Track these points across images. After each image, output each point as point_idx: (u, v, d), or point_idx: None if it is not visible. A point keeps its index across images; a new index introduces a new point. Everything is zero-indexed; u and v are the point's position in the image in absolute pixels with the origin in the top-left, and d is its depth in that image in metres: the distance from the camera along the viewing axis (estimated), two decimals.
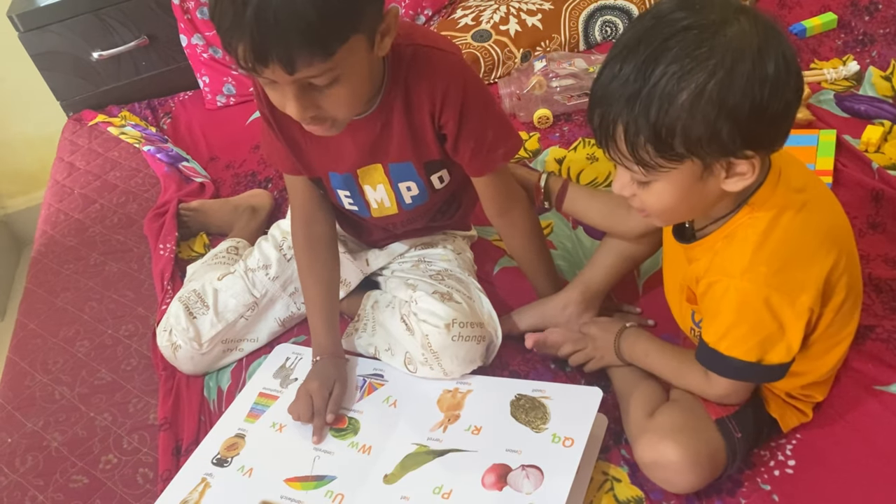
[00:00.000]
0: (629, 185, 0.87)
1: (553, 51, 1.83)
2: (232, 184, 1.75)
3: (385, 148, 1.08)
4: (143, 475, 1.16)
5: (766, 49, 0.78)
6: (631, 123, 0.79)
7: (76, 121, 2.09)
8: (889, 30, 1.67)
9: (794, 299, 0.86)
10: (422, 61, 1.01)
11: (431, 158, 1.10)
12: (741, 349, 0.89)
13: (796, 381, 0.97)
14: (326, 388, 1.14)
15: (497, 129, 1.07)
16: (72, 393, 1.33)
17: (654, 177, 0.83)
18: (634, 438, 0.99)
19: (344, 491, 1.04)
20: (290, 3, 0.81)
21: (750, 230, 0.87)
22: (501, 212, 1.17)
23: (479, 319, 1.15)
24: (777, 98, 0.78)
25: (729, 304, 0.88)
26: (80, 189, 1.85)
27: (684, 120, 0.78)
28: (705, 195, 0.86)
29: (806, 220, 0.88)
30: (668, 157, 0.80)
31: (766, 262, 0.86)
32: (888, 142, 1.41)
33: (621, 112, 0.80)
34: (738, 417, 0.96)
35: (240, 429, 1.16)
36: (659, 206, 0.88)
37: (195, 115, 2.03)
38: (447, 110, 1.02)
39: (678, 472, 0.92)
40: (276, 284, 1.29)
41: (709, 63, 0.76)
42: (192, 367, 1.27)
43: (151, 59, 2.07)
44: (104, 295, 1.52)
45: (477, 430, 1.07)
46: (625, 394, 1.06)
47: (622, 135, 0.81)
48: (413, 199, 1.15)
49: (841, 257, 0.90)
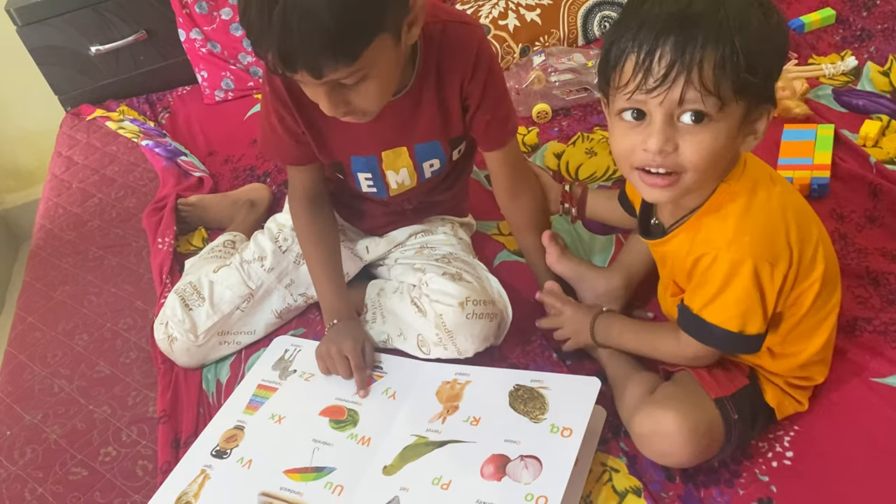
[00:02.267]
0: (672, 139, 0.82)
1: (552, 46, 1.83)
2: (230, 178, 1.75)
3: (413, 128, 1.11)
4: (142, 467, 1.16)
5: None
6: (725, 48, 0.76)
7: (74, 115, 2.09)
8: (887, 25, 1.67)
9: (773, 267, 0.88)
10: (453, 37, 1.05)
11: (456, 135, 1.14)
12: (724, 317, 0.90)
13: (793, 361, 0.98)
14: (359, 345, 1.16)
15: (508, 103, 1.13)
16: (71, 386, 1.33)
17: (716, 118, 0.80)
18: (631, 415, 0.98)
19: (343, 482, 1.04)
20: (312, 14, 0.83)
21: (731, 204, 0.88)
22: (513, 194, 1.19)
23: (491, 297, 1.15)
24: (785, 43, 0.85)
25: (716, 274, 0.89)
26: (78, 183, 1.84)
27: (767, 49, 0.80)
28: (729, 154, 0.86)
29: (777, 191, 0.90)
30: (744, 90, 0.79)
31: (750, 231, 0.87)
32: (886, 136, 1.42)
33: (710, 37, 0.76)
34: (736, 400, 0.96)
35: (239, 420, 1.16)
36: (703, 159, 0.82)
37: (193, 109, 2.03)
38: (475, 80, 1.07)
39: (676, 442, 0.92)
40: (272, 276, 1.30)
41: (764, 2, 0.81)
42: (188, 359, 1.27)
43: (150, 54, 2.07)
44: (103, 289, 1.52)
45: (476, 420, 1.07)
46: (620, 380, 1.06)
47: (711, 62, 0.77)
48: (433, 173, 1.19)
49: (812, 226, 0.93)
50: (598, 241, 1.35)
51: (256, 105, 1.94)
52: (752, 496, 0.94)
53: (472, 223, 1.39)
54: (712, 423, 0.94)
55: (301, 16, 0.83)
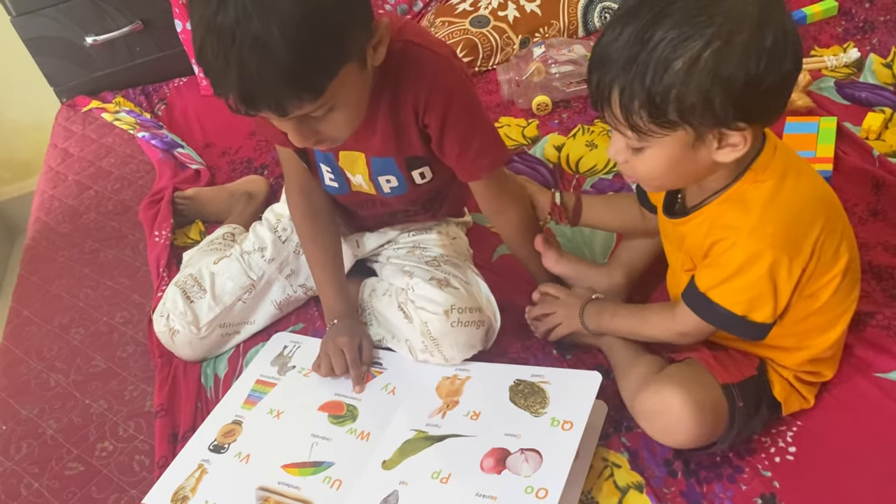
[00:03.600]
0: (623, 150, 0.88)
1: (552, 37, 1.82)
2: (227, 170, 1.74)
3: (368, 141, 1.07)
4: (139, 462, 1.16)
5: (765, 21, 0.77)
6: (626, 88, 0.80)
7: (70, 107, 2.07)
8: (890, 17, 1.66)
9: (792, 261, 0.87)
10: (410, 59, 1.00)
11: (414, 154, 1.09)
12: (731, 300, 0.90)
13: (804, 355, 0.97)
14: (355, 341, 1.15)
15: (483, 137, 1.06)
16: (67, 380, 1.32)
17: (647, 143, 0.84)
18: (635, 394, 0.98)
19: (342, 477, 1.04)
20: (270, 52, 0.79)
21: (756, 192, 0.87)
22: (496, 212, 1.17)
23: (478, 304, 1.14)
24: (773, 71, 0.78)
25: (732, 259, 0.88)
26: (74, 175, 1.83)
27: (678, 87, 0.78)
28: (696, 164, 0.86)
29: (806, 184, 0.89)
30: (661, 123, 0.81)
31: (773, 222, 0.86)
32: (889, 129, 1.41)
33: (618, 76, 0.80)
34: (742, 388, 0.95)
35: (237, 415, 1.16)
36: (649, 172, 0.88)
37: (190, 101, 2.02)
38: (430, 113, 1.01)
39: (680, 419, 0.91)
40: (272, 266, 1.29)
41: (707, 31, 0.76)
42: (191, 353, 1.26)
43: (146, 45, 2.06)
44: (99, 282, 1.51)
45: (476, 415, 1.06)
46: (624, 365, 1.05)
47: (617, 99, 0.81)
48: (392, 190, 1.14)
49: (837, 221, 0.91)
50: (598, 236, 1.34)
51: None
52: (755, 492, 0.93)
53: (468, 220, 1.38)
54: (717, 403, 0.93)
55: (259, 56, 0.79)
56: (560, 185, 1.46)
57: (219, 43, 0.80)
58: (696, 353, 0.99)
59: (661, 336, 1.02)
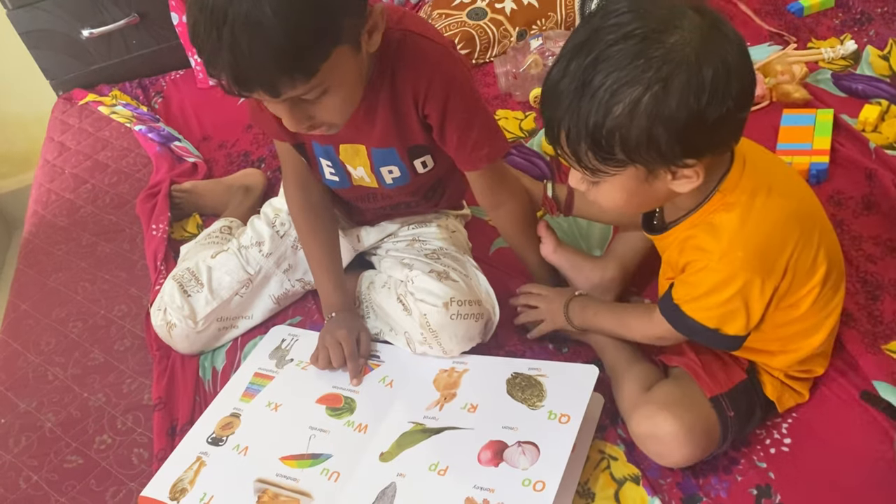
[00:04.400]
0: (581, 181, 0.88)
1: (549, 29, 1.81)
2: (225, 164, 1.73)
3: (368, 132, 1.07)
4: (137, 455, 1.16)
5: (705, 56, 0.76)
6: (573, 129, 0.80)
7: (66, 100, 2.06)
8: (887, 9, 1.66)
9: (764, 281, 0.87)
10: (410, 49, 0.99)
11: (416, 143, 1.08)
12: (703, 315, 0.91)
13: (792, 357, 0.97)
14: (353, 334, 1.16)
15: (481, 128, 1.05)
16: (65, 374, 1.32)
17: (600, 179, 0.84)
18: (629, 412, 0.99)
19: (340, 469, 1.04)
20: (262, 30, 0.79)
21: (725, 215, 0.87)
22: (494, 205, 1.16)
23: (477, 297, 1.14)
24: (715, 105, 0.77)
25: (704, 280, 0.89)
26: (71, 169, 1.82)
27: (622, 130, 0.78)
28: (655, 194, 0.86)
29: (776, 203, 0.88)
30: (610, 163, 0.81)
31: (744, 246, 0.86)
32: (885, 121, 1.41)
33: (563, 117, 0.80)
34: (732, 397, 0.96)
35: (235, 408, 1.16)
36: (609, 204, 0.89)
37: (187, 94, 2.01)
38: (430, 102, 1.01)
39: (673, 444, 0.92)
40: (270, 261, 1.29)
41: (644, 76, 0.76)
42: (188, 346, 1.26)
43: (142, 38, 2.04)
44: (96, 275, 1.51)
45: (473, 408, 1.06)
46: (619, 372, 1.06)
47: (565, 139, 0.82)
48: (395, 181, 1.14)
49: (813, 232, 0.91)
50: (595, 228, 1.34)
51: None
52: (750, 483, 0.94)
53: (467, 213, 1.37)
54: (709, 423, 0.94)
55: (251, 33, 0.79)
56: (557, 178, 1.46)
57: (211, 21, 0.80)
58: (685, 360, 1.00)
59: (640, 338, 1.04)
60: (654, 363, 1.06)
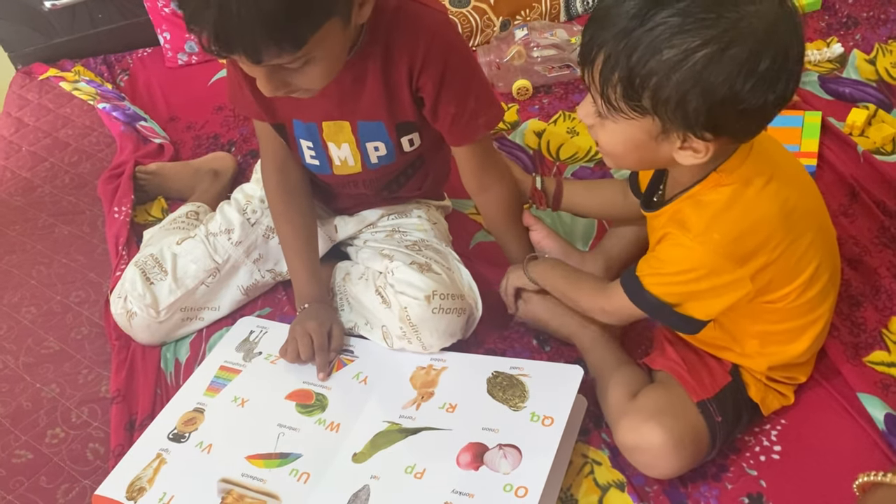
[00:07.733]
0: (591, 115, 0.85)
1: (534, 20, 1.77)
2: (192, 146, 1.68)
3: (355, 104, 1.03)
4: (93, 450, 1.11)
5: (770, 38, 0.74)
6: (613, 56, 0.77)
7: (25, 74, 1.98)
8: (873, 13, 1.65)
9: (735, 269, 0.85)
10: (405, 16, 0.97)
11: (405, 120, 1.05)
12: (663, 290, 0.89)
13: (772, 360, 0.96)
14: (324, 327, 1.12)
15: (479, 96, 1.03)
16: (16, 362, 1.27)
17: (613, 117, 0.81)
18: (615, 420, 0.96)
19: (310, 469, 0.99)
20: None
21: (713, 195, 0.86)
22: (481, 188, 1.13)
23: (460, 291, 1.10)
24: (757, 94, 0.75)
25: (673, 256, 0.88)
26: (28, 146, 1.75)
27: (660, 76, 0.75)
28: (656, 155, 0.84)
29: (771, 194, 0.86)
30: (632, 106, 0.79)
31: (721, 230, 0.84)
32: (872, 126, 1.40)
33: (608, 42, 0.77)
34: (719, 400, 0.94)
35: (199, 403, 1.11)
36: (609, 147, 0.87)
37: (154, 72, 1.94)
38: (427, 72, 0.98)
39: (661, 455, 0.90)
40: (240, 250, 1.23)
41: (707, 32, 0.73)
42: (149, 336, 1.21)
43: (108, 12, 1.97)
44: (53, 259, 1.45)
45: (452, 407, 1.02)
46: (604, 375, 1.03)
47: (600, 64, 0.78)
48: (379, 160, 1.11)
49: (806, 231, 0.89)
50: (579, 224, 1.31)
51: (222, 70, 1.85)
52: (741, 491, 0.92)
53: (447, 205, 1.34)
54: (697, 431, 0.91)
55: None
56: (541, 172, 1.43)
57: None
58: (670, 364, 0.97)
59: (585, 305, 1.02)
60: (639, 366, 1.03)
